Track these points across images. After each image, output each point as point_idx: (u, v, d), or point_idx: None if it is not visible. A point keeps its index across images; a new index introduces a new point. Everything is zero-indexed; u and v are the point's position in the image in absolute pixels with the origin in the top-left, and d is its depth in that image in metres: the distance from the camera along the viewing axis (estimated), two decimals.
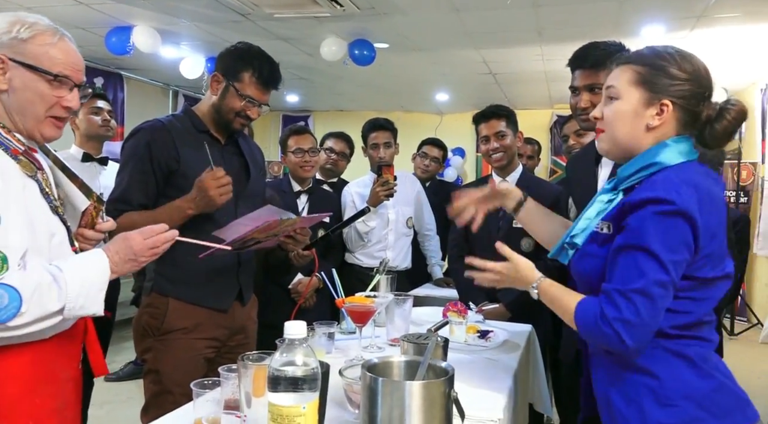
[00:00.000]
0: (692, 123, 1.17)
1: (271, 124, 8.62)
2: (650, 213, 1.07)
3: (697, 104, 1.15)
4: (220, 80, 1.77)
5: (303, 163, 2.67)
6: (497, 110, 2.39)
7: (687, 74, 1.15)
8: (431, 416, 0.98)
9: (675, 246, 1.06)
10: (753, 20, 4.19)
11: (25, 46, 1.20)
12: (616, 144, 1.20)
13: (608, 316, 1.06)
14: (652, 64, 1.17)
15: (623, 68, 1.20)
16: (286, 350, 0.91)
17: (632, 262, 1.07)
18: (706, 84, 1.16)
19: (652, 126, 1.15)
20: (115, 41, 4.71)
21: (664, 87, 1.14)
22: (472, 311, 2.11)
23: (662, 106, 1.15)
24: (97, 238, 1.36)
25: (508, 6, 3.94)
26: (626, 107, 1.17)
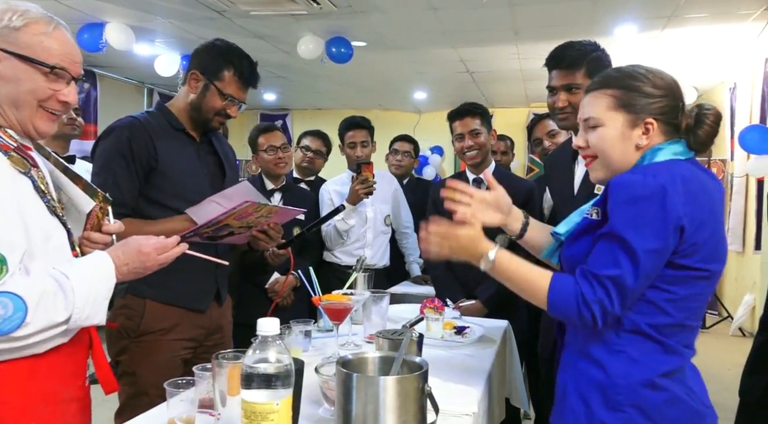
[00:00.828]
0: (675, 133, 1.19)
1: (248, 123, 8.54)
2: (624, 197, 1.08)
3: (676, 117, 1.17)
4: (198, 78, 1.74)
5: (277, 160, 2.66)
6: (471, 108, 2.41)
7: (661, 90, 1.17)
8: (405, 410, 0.99)
9: (649, 233, 1.06)
10: (721, 20, 4.30)
11: (17, 35, 1.12)
12: (611, 168, 1.20)
13: (586, 297, 1.07)
14: (627, 87, 1.18)
15: (596, 95, 1.21)
16: (259, 347, 0.91)
17: (608, 249, 1.08)
18: (679, 96, 1.19)
19: (642, 145, 1.17)
20: (87, 38, 4.63)
21: (644, 106, 1.16)
22: (449, 308, 2.13)
23: (647, 126, 1.16)
24: (104, 241, 1.28)
25: (484, 5, 3.98)
26: (612, 132, 1.18)
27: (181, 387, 1.13)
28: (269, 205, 1.62)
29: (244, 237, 1.74)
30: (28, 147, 1.19)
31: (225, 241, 1.71)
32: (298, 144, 3.17)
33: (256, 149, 2.72)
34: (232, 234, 1.67)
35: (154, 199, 1.68)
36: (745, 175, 5.50)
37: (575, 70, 1.78)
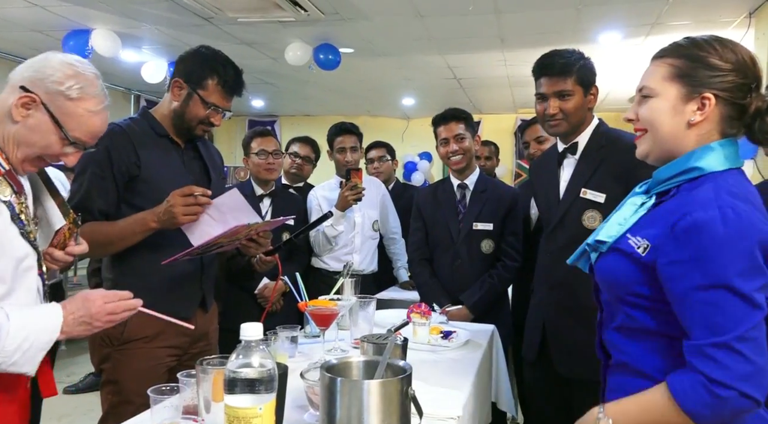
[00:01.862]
0: (739, 117, 1.06)
1: (237, 130, 8.54)
2: (712, 238, 0.94)
3: (744, 96, 1.04)
4: (182, 86, 1.73)
5: (267, 165, 2.66)
6: (456, 113, 2.43)
7: (730, 64, 1.04)
8: (389, 414, 0.99)
9: (752, 271, 0.94)
10: (703, 28, 4.37)
11: (67, 103, 1.19)
12: (658, 144, 1.09)
13: (719, 379, 0.90)
14: (689, 56, 1.06)
15: (657, 64, 1.11)
16: (242, 352, 0.91)
17: (715, 305, 0.93)
18: (752, 74, 1.05)
19: (694, 122, 1.05)
20: (73, 45, 4.60)
21: (705, 79, 1.04)
22: (436, 313, 2.13)
23: (703, 100, 1.04)
24: (65, 260, 1.31)
25: (470, 12, 4.02)
26: (663, 104, 1.07)
27: (165, 394, 1.12)
28: (258, 223, 1.64)
29: (233, 246, 1.75)
30: None
31: (214, 252, 1.71)
32: (287, 150, 3.17)
33: (248, 152, 2.72)
34: (221, 247, 1.68)
35: (138, 205, 1.67)
36: None
37: (566, 77, 1.81)
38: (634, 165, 1.63)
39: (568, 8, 3.97)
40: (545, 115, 1.86)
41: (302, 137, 3.20)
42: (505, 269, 2.33)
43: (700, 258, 0.95)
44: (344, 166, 2.88)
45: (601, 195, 1.78)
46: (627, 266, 1.06)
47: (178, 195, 1.58)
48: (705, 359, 0.92)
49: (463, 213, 2.41)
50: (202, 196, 1.58)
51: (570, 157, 1.89)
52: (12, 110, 1.16)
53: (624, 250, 1.07)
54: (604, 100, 7.12)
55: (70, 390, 3.88)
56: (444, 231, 2.44)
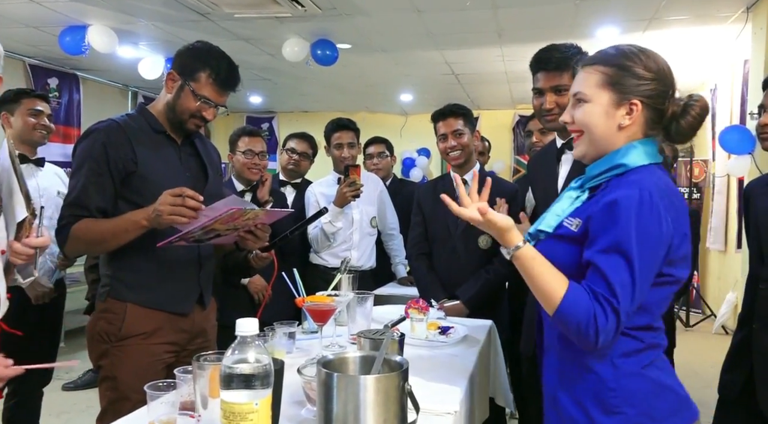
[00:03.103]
0: (659, 120, 1.19)
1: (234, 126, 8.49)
2: (626, 212, 1.08)
3: (663, 102, 1.17)
4: (175, 79, 1.72)
5: (251, 165, 2.67)
6: (454, 109, 2.43)
7: (652, 73, 1.17)
8: (386, 409, 0.99)
9: (652, 246, 1.08)
10: (701, 23, 4.37)
11: None
12: (593, 145, 1.21)
13: (599, 325, 1.06)
14: (618, 65, 1.18)
15: (589, 70, 1.21)
16: (238, 348, 0.91)
17: (615, 267, 1.07)
18: (669, 82, 1.19)
19: (624, 126, 1.17)
20: (69, 41, 4.59)
21: (632, 87, 1.16)
22: (434, 308, 2.13)
23: (632, 106, 1.17)
24: (25, 252, 1.27)
25: (467, 7, 4.01)
26: (597, 109, 1.18)
27: (161, 390, 1.12)
28: (255, 210, 1.61)
29: (231, 238, 1.74)
30: None
31: (212, 242, 1.70)
32: (284, 146, 3.16)
33: (234, 149, 2.72)
34: (219, 236, 1.67)
35: (135, 201, 1.66)
36: (726, 174, 5.58)
37: (562, 71, 1.80)
38: None
39: (565, 3, 3.96)
40: (542, 109, 1.86)
41: (299, 133, 3.19)
42: (501, 264, 2.32)
43: (611, 226, 1.09)
44: (342, 162, 2.87)
45: None
46: (564, 247, 1.18)
47: (169, 194, 1.55)
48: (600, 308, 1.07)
49: None
50: (191, 200, 1.53)
51: (568, 153, 1.89)
52: None
53: (560, 233, 1.20)
54: None
55: (69, 387, 3.88)
56: (442, 226, 2.44)
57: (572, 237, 1.17)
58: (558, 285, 1.11)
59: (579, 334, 1.09)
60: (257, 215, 1.64)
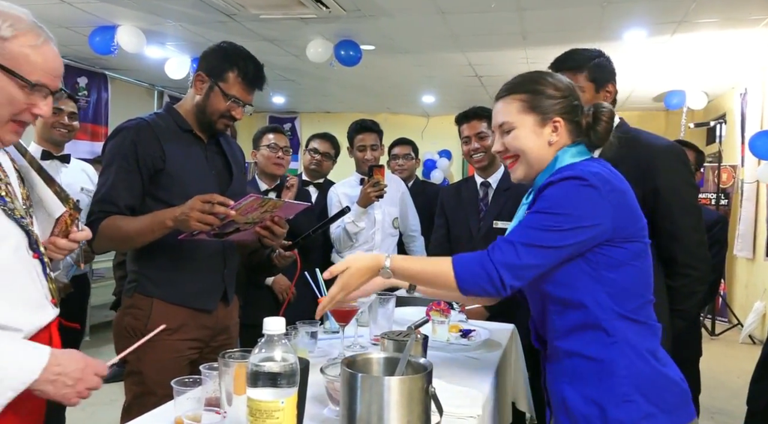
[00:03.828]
0: (579, 130, 1.30)
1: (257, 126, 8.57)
2: (566, 186, 1.17)
3: (577, 114, 1.29)
4: (204, 80, 1.75)
5: (276, 159, 2.68)
6: (479, 111, 2.42)
7: (561, 92, 1.29)
8: (409, 411, 0.99)
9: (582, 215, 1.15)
10: (731, 26, 4.28)
11: (4, 45, 1.08)
12: (530, 165, 1.29)
13: (493, 259, 1.16)
14: (532, 90, 1.29)
15: (507, 101, 1.31)
16: (265, 346, 0.92)
17: (533, 222, 1.18)
18: (576, 96, 1.31)
19: (553, 141, 1.28)
20: (99, 41, 4.68)
21: (549, 107, 1.27)
22: (455, 311, 2.13)
23: (555, 124, 1.27)
24: (70, 247, 1.27)
25: (492, 9, 3.99)
26: (525, 132, 1.28)
27: (188, 386, 1.14)
28: (273, 200, 1.64)
29: (250, 233, 1.75)
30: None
31: (232, 238, 1.72)
32: (307, 147, 3.18)
33: (258, 145, 2.74)
34: (237, 230, 1.68)
35: (162, 199, 1.69)
36: (755, 181, 5.45)
37: (577, 72, 1.79)
38: (651, 164, 1.62)
39: (592, 5, 3.91)
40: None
41: (322, 133, 3.21)
42: None
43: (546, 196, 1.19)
44: (364, 163, 2.88)
45: None
46: None
47: (199, 200, 1.56)
48: (493, 247, 1.19)
49: (485, 211, 2.40)
50: (220, 206, 1.53)
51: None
52: None
53: None
54: (628, 98, 7.02)
55: None
56: (464, 228, 2.43)
57: None
58: (442, 263, 1.21)
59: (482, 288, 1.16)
60: (275, 205, 1.66)
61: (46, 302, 1.22)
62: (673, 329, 1.74)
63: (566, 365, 1.22)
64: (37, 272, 1.19)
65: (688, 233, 1.67)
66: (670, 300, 1.71)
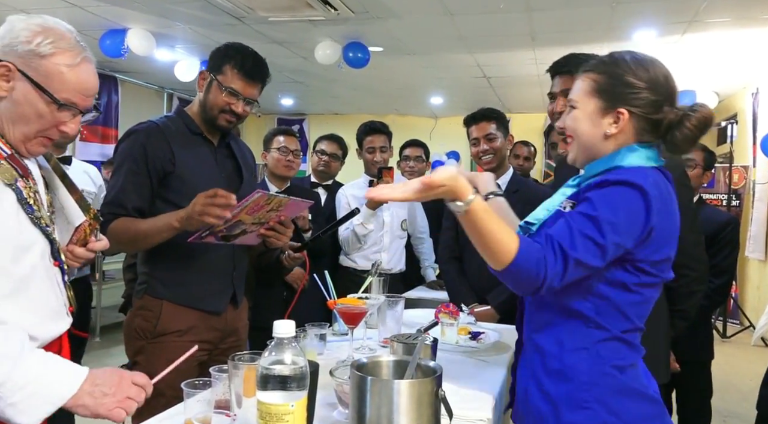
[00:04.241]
0: (653, 130, 1.16)
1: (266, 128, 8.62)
2: (611, 190, 1.08)
3: (655, 112, 1.15)
4: (205, 77, 1.78)
5: (286, 162, 2.68)
6: (487, 113, 2.42)
7: (643, 82, 1.15)
8: (419, 414, 0.99)
9: (623, 226, 1.07)
10: (743, 25, 4.24)
11: (40, 62, 1.10)
12: (581, 151, 1.21)
13: (548, 268, 1.05)
14: (609, 73, 1.18)
15: (582, 77, 1.22)
16: (275, 349, 0.92)
17: (582, 230, 1.07)
18: (664, 91, 1.16)
19: (610, 134, 1.16)
20: (110, 44, 4.72)
21: (620, 95, 1.15)
22: (464, 313, 2.12)
23: (618, 115, 1.15)
24: (87, 256, 1.28)
25: (501, 10, 3.98)
26: (582, 115, 1.19)
27: (198, 388, 1.14)
28: (279, 197, 1.64)
29: (256, 235, 1.76)
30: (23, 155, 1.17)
31: (238, 241, 1.73)
32: (314, 149, 3.19)
33: (269, 147, 2.74)
34: (244, 232, 1.69)
35: (172, 201, 1.70)
36: (767, 181, 5.40)
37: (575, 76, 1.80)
38: None
39: (602, 5, 3.90)
40: (554, 113, 1.87)
41: (328, 135, 3.21)
42: None
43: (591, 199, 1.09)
44: (373, 165, 2.88)
45: None
46: None
47: (202, 196, 1.57)
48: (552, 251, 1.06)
49: None
50: (222, 198, 1.54)
51: None
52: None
53: (552, 219, 1.17)
54: None
55: None
56: None
57: (561, 215, 1.16)
58: (510, 238, 1.07)
59: (526, 282, 1.07)
60: (281, 203, 1.66)
61: (64, 311, 1.23)
62: (674, 330, 1.75)
63: (534, 358, 1.19)
64: (57, 280, 1.20)
65: (684, 233, 1.65)
66: (670, 301, 1.70)
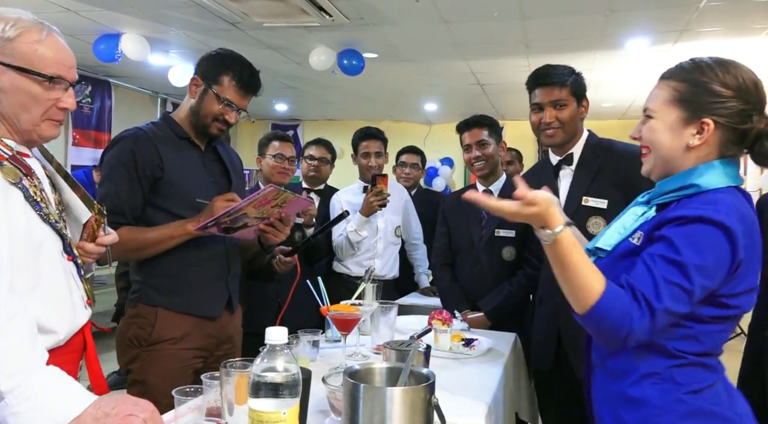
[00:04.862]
0: (739, 141, 1.08)
1: (260, 134, 8.61)
2: (692, 229, 1.01)
3: (744, 122, 1.06)
4: (198, 84, 1.76)
5: (281, 169, 2.67)
6: (480, 119, 2.43)
7: (731, 91, 1.06)
8: (412, 421, 0.98)
9: (711, 268, 1.00)
10: (734, 35, 4.29)
11: (12, 45, 1.10)
12: (659, 163, 1.13)
13: (634, 327, 0.99)
14: (691, 81, 1.09)
15: (661, 86, 1.14)
16: (267, 356, 0.91)
17: (666, 276, 1.00)
18: (754, 99, 1.07)
19: (692, 145, 1.08)
20: (104, 49, 4.71)
21: (705, 105, 1.07)
22: (457, 320, 2.12)
23: (702, 125, 1.07)
24: (98, 251, 1.30)
25: (495, 18, 4.00)
26: (663, 126, 1.11)
27: (189, 395, 1.13)
28: (287, 193, 1.66)
29: (253, 231, 1.76)
30: (25, 154, 1.18)
31: (237, 234, 1.73)
32: (303, 155, 3.18)
33: (264, 152, 2.73)
34: (246, 226, 1.70)
35: (162, 207, 1.70)
36: (758, 189, 5.45)
37: (561, 87, 1.90)
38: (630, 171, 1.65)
39: (595, 14, 3.93)
40: (541, 124, 1.92)
41: (315, 140, 3.19)
42: (525, 276, 2.30)
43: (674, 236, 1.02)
44: (368, 171, 2.88)
45: (603, 201, 1.85)
46: (624, 265, 1.09)
47: (221, 199, 1.62)
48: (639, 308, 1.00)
49: (486, 219, 2.40)
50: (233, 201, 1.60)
51: (566, 168, 1.95)
52: None
53: (621, 252, 1.12)
54: (630, 107, 7.03)
55: None
56: (466, 237, 2.43)
57: (633, 250, 1.09)
58: (596, 280, 1.01)
59: (609, 334, 1.01)
60: (286, 199, 1.68)
61: (82, 303, 1.25)
62: None
63: (607, 384, 1.15)
64: (73, 274, 1.23)
65: None
66: None
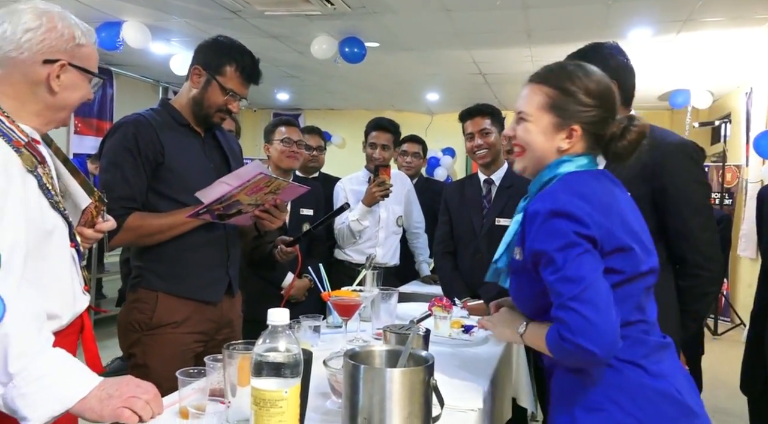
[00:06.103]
0: (598, 142, 1.21)
1: (262, 122, 8.61)
2: (537, 226, 1.10)
3: (603, 127, 1.19)
4: (201, 73, 1.76)
5: (290, 153, 2.64)
6: (482, 108, 2.43)
7: (595, 100, 1.18)
8: (411, 402, 1.00)
9: (565, 247, 1.07)
10: (737, 25, 4.27)
11: (81, 50, 1.24)
12: (532, 162, 1.23)
13: (564, 335, 1.04)
14: (562, 89, 1.19)
15: (534, 89, 1.23)
16: (269, 337, 0.93)
17: (553, 283, 1.07)
18: (611, 107, 1.20)
19: (563, 149, 1.19)
20: (105, 37, 4.70)
21: (574, 113, 1.18)
22: (457, 306, 2.14)
23: (572, 131, 1.18)
24: (96, 237, 1.34)
25: (497, 7, 3.99)
26: (536, 129, 1.21)
27: (192, 376, 1.15)
28: (279, 180, 1.66)
29: (250, 217, 1.77)
30: (37, 141, 1.22)
31: (233, 220, 1.74)
32: None
33: (271, 139, 2.69)
34: (240, 212, 1.70)
35: (163, 193, 1.71)
36: (760, 180, 5.44)
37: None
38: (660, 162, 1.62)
39: (597, 3, 3.91)
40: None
41: (307, 127, 3.17)
42: None
43: (530, 240, 1.12)
44: (373, 161, 2.89)
45: None
46: (524, 278, 1.18)
47: None
48: (557, 321, 1.07)
49: (488, 208, 2.42)
50: None
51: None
52: (49, 85, 1.19)
53: (514, 268, 1.23)
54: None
55: None
56: (467, 225, 2.44)
57: (522, 266, 1.18)
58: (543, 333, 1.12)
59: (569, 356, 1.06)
60: (279, 186, 1.68)
61: (80, 289, 1.29)
62: (685, 331, 1.66)
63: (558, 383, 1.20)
64: (75, 260, 1.26)
65: (698, 232, 1.60)
66: (681, 301, 1.64)
